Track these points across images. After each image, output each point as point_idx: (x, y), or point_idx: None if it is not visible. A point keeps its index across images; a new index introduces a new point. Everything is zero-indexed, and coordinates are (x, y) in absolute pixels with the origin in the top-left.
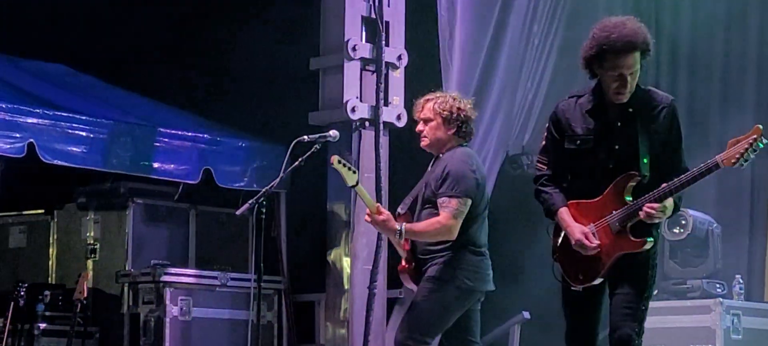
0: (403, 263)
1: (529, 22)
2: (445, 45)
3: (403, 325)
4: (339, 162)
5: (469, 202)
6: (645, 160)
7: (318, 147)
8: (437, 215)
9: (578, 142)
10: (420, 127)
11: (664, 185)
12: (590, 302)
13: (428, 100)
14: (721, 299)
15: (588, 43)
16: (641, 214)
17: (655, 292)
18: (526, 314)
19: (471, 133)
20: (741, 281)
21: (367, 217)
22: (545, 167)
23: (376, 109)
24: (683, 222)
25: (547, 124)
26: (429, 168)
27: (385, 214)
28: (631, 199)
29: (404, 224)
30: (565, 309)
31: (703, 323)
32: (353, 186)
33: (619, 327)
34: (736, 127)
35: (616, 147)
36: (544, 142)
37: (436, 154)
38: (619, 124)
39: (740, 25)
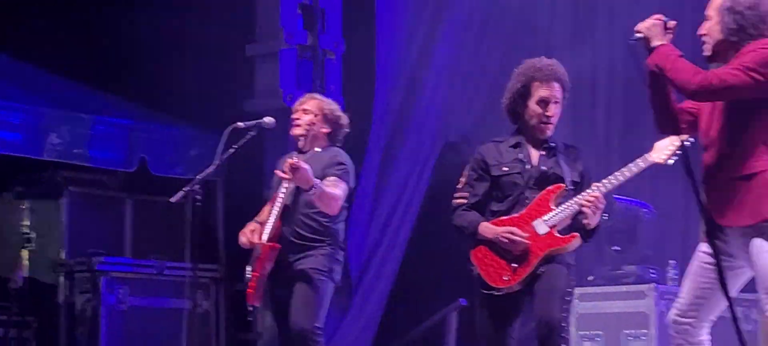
0: (274, 243)
1: (469, 9)
2: (381, 32)
3: (305, 311)
4: None
5: (347, 193)
6: (573, 180)
7: (253, 134)
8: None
9: (504, 168)
10: (297, 116)
11: (595, 184)
12: (510, 310)
13: (314, 97)
14: (655, 285)
15: (513, 81)
16: (586, 205)
17: (591, 278)
18: (463, 301)
19: (340, 141)
20: (675, 266)
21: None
22: (464, 201)
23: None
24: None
25: (467, 166)
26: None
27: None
28: (556, 206)
29: (317, 180)
30: (484, 319)
31: (637, 308)
32: None
33: (547, 313)
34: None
35: (540, 174)
36: (464, 181)
37: (302, 148)
38: (542, 154)
39: None
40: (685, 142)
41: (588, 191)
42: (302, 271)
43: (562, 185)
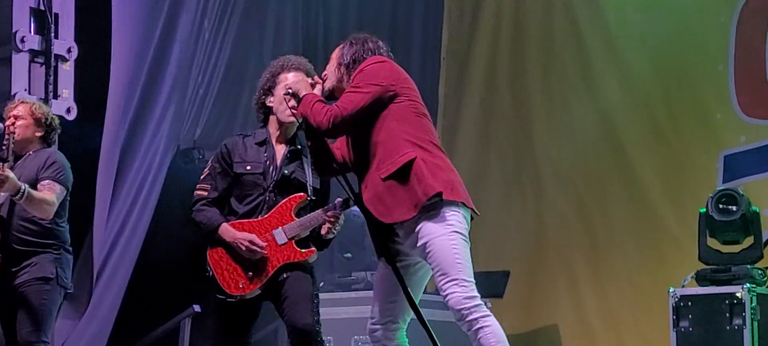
0: None
1: (200, 17)
2: (115, 37)
3: (30, 324)
4: None
5: (66, 193)
6: (314, 186)
7: None
8: None
9: (248, 167)
10: (9, 122)
11: (338, 199)
12: (242, 316)
13: (24, 102)
14: None
15: (262, 80)
16: (324, 229)
17: (322, 284)
18: (197, 307)
19: (54, 142)
20: None
21: None
22: (206, 193)
23: (45, 102)
24: None
25: (213, 156)
26: (15, 164)
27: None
28: (297, 217)
29: (26, 185)
30: (217, 326)
31: (366, 313)
32: None
33: (300, 319)
34: None
35: (282, 178)
36: (207, 172)
37: (18, 152)
38: (287, 156)
39: None
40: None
41: (333, 207)
42: (28, 281)
43: (304, 195)
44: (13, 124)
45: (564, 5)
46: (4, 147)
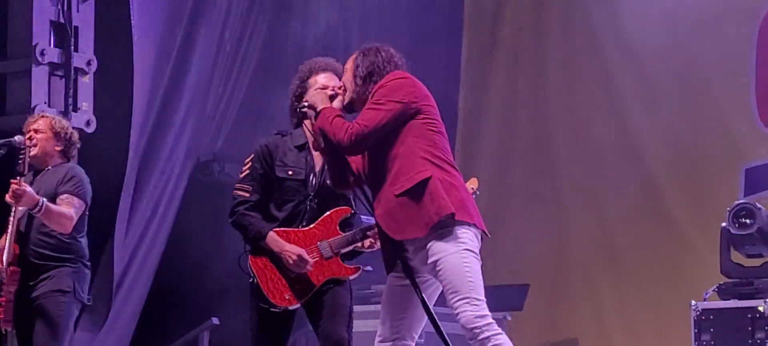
0: (14, 268)
1: (221, 28)
2: (136, 51)
3: (47, 337)
4: None
5: (84, 208)
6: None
7: (2, 152)
8: None
9: (290, 172)
10: (30, 136)
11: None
12: (283, 325)
13: (44, 116)
14: None
15: (293, 86)
16: (367, 243)
17: None
18: (216, 320)
19: (74, 156)
20: None
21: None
22: (247, 195)
23: (64, 115)
24: None
25: (250, 155)
26: (34, 178)
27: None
28: (342, 230)
29: (44, 199)
30: (257, 334)
31: None
32: None
33: (335, 332)
34: None
35: (322, 187)
36: (247, 172)
37: (38, 166)
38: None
39: None
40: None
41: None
42: (45, 293)
43: (349, 208)
44: (33, 138)
45: (584, 17)
46: (20, 161)
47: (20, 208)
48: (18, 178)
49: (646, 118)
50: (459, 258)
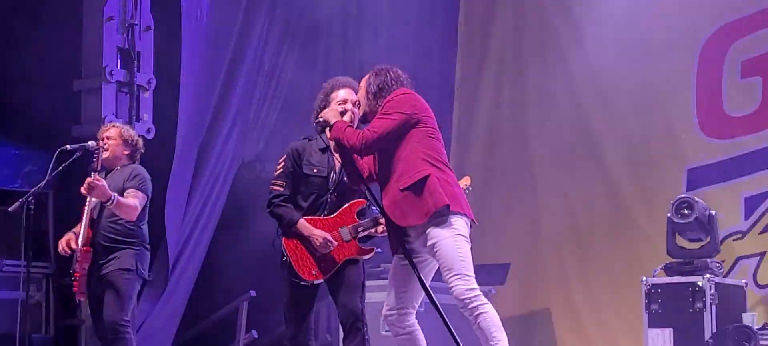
0: (87, 248)
1: (262, 51)
2: (185, 73)
3: (114, 306)
4: None
5: (146, 200)
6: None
7: (78, 155)
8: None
9: (315, 170)
10: (103, 141)
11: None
12: (310, 295)
13: (115, 125)
14: None
15: (318, 99)
16: (379, 229)
17: None
18: (253, 292)
19: (138, 159)
20: None
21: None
22: (281, 189)
23: (128, 125)
24: None
25: (283, 156)
26: (106, 176)
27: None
28: (358, 219)
29: (115, 193)
30: (288, 301)
31: None
32: None
33: (350, 303)
34: None
35: (340, 183)
36: (281, 170)
37: (109, 167)
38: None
39: None
40: None
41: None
42: (113, 271)
43: (364, 200)
44: (105, 143)
45: (556, 42)
46: (94, 159)
47: (93, 199)
48: (92, 174)
49: (606, 126)
50: (452, 241)
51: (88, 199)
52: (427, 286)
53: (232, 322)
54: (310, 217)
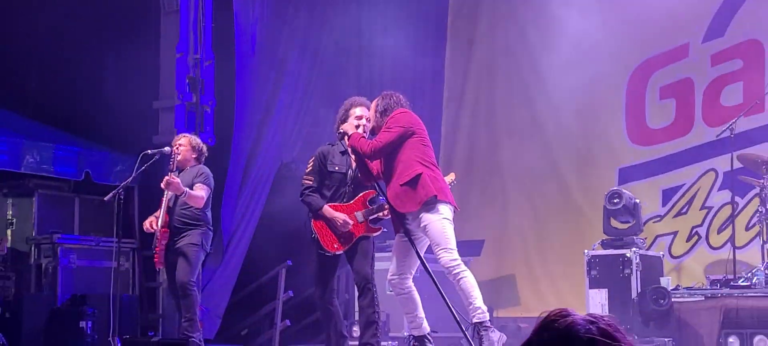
0: (165, 229)
1: (297, 80)
2: (238, 95)
3: (184, 271)
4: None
5: (210, 192)
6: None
7: (157, 158)
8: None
9: (336, 168)
10: (176, 148)
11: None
12: (333, 263)
13: (185, 136)
14: None
15: (339, 114)
16: (384, 213)
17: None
18: (290, 262)
19: (203, 161)
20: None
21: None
22: (311, 183)
23: (195, 135)
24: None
25: (312, 157)
26: (179, 174)
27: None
28: (370, 205)
29: (186, 187)
30: (317, 268)
31: None
32: None
33: (363, 270)
34: None
35: (355, 177)
36: (311, 168)
37: (181, 167)
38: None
39: None
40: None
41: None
42: (184, 245)
43: (374, 191)
44: (178, 149)
45: (517, 65)
46: (170, 162)
47: (170, 192)
48: (169, 173)
49: (556, 135)
50: (440, 224)
51: (165, 192)
52: (422, 257)
53: (273, 284)
54: (332, 204)
